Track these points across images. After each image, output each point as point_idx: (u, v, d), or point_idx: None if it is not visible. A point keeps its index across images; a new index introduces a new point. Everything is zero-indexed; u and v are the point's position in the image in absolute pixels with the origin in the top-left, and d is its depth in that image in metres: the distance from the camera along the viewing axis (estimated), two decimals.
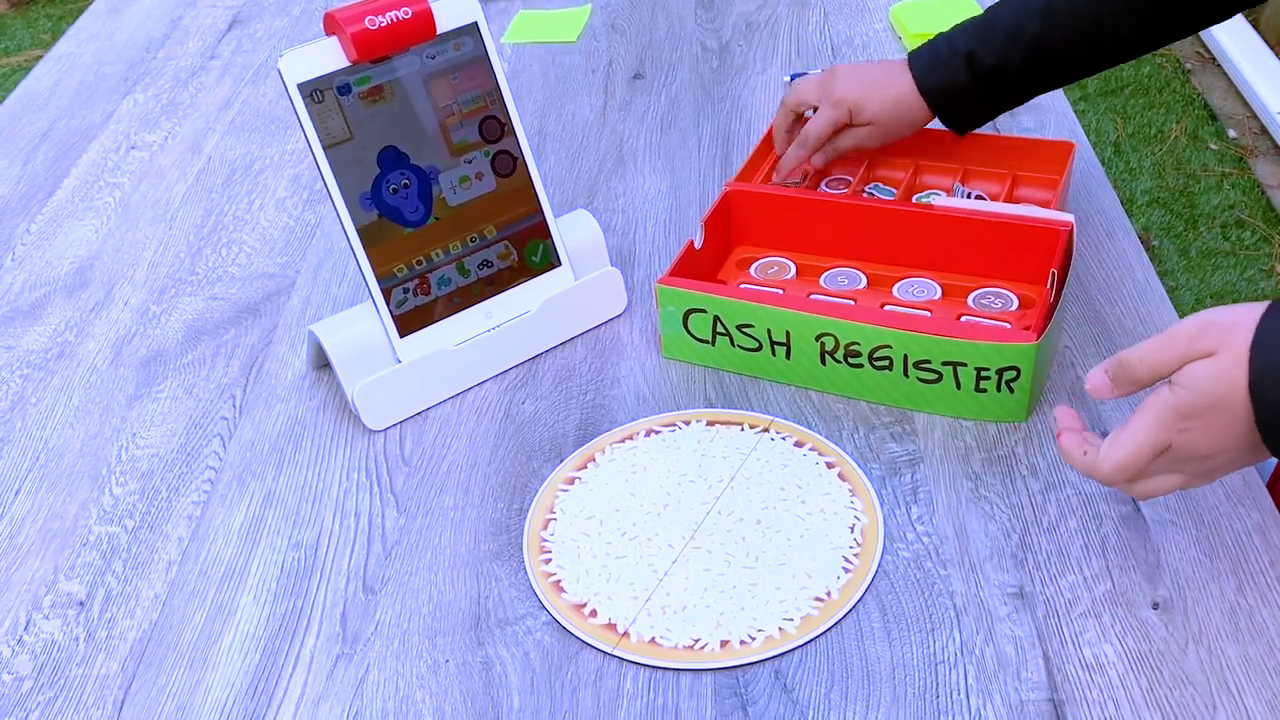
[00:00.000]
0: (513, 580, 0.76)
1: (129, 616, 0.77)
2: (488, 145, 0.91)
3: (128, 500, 0.85)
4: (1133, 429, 0.64)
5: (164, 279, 1.08)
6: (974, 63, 0.93)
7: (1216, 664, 0.67)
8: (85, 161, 1.26)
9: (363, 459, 0.87)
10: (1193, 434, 0.63)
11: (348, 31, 0.83)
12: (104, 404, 0.94)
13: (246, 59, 1.44)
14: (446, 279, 0.90)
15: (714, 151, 1.18)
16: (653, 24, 1.43)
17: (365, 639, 0.74)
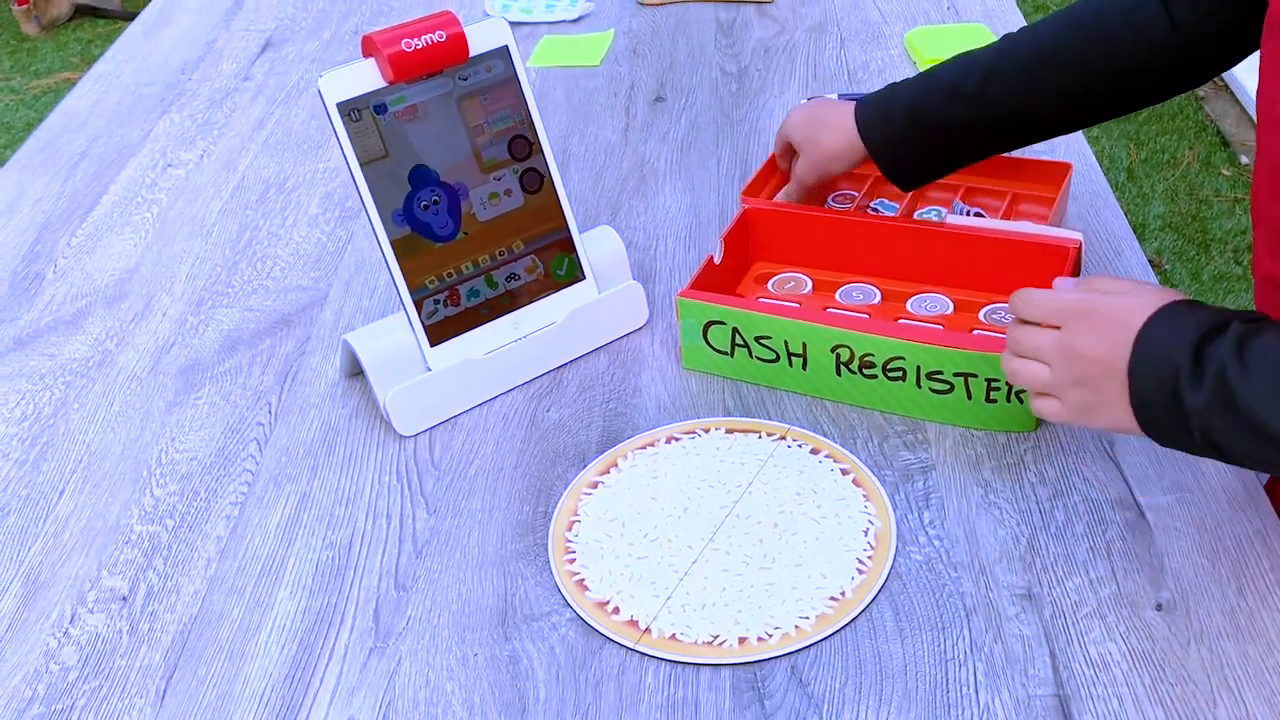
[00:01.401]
0: (538, 579, 0.79)
1: (170, 611, 0.80)
2: (516, 163, 0.94)
3: (168, 501, 0.89)
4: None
5: (201, 291, 1.11)
6: (913, 115, 0.93)
7: (1217, 662, 0.70)
8: (124, 178, 1.30)
9: (394, 463, 0.90)
10: (1084, 331, 0.71)
11: (385, 53, 0.86)
12: (144, 410, 0.98)
13: (279, 81, 1.48)
14: (476, 291, 0.93)
15: (733, 171, 1.21)
16: (674, 49, 1.47)
17: (397, 633, 0.77)
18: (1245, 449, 0.67)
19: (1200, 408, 0.66)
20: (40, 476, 0.92)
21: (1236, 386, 0.65)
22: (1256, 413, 0.64)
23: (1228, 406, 0.65)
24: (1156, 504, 0.80)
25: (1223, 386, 0.65)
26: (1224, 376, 0.65)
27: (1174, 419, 0.68)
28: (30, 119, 3.24)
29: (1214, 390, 0.65)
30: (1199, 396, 0.66)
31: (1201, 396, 0.66)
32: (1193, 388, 0.66)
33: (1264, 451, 0.66)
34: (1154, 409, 0.68)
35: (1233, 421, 0.65)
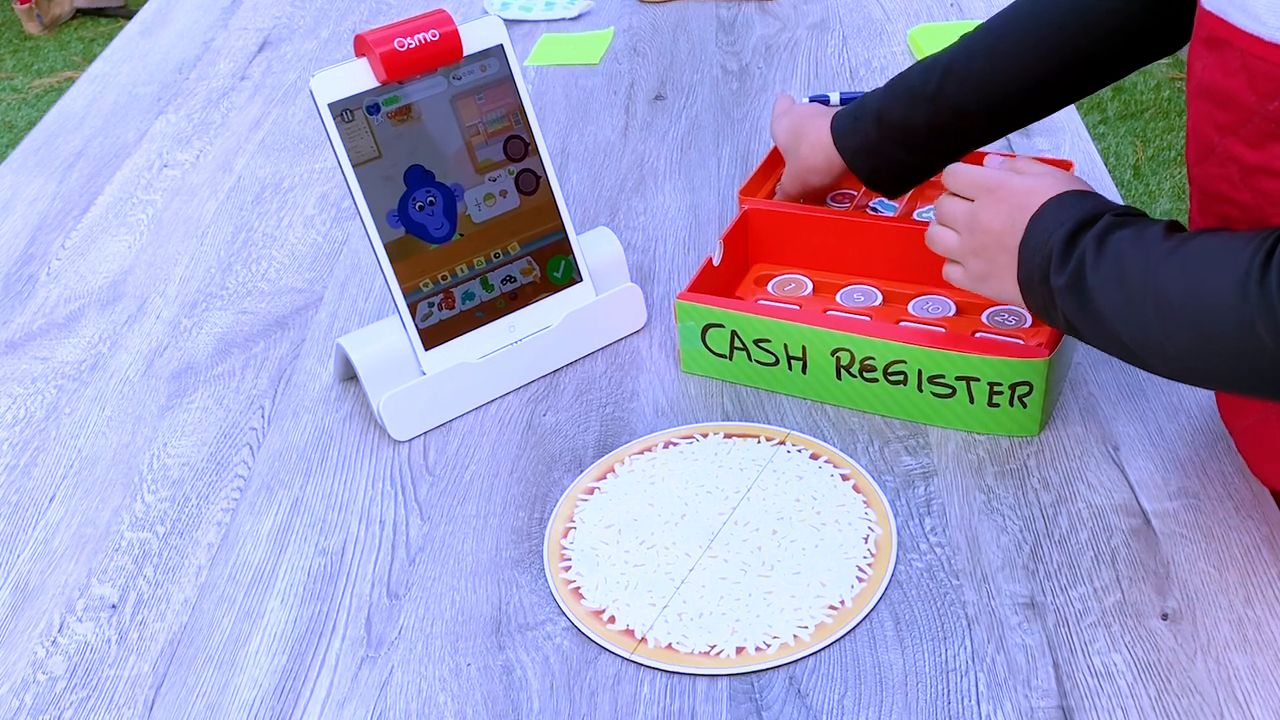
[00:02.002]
0: (533, 587, 0.78)
1: (160, 619, 0.79)
2: (512, 164, 0.93)
3: (159, 507, 0.88)
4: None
5: (195, 293, 1.10)
6: (882, 120, 0.94)
7: (1224, 674, 0.69)
8: (119, 179, 1.29)
9: (388, 468, 0.89)
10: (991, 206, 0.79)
11: (377, 53, 0.85)
12: (136, 414, 0.97)
13: (276, 80, 1.47)
14: (471, 293, 0.92)
15: (733, 171, 1.20)
16: (674, 46, 1.46)
17: (389, 642, 0.76)
18: (1091, 332, 0.74)
19: (1061, 288, 0.73)
20: (30, 482, 0.91)
21: (1088, 272, 0.71)
22: (1096, 299, 0.71)
23: (1079, 289, 0.72)
24: (1162, 510, 0.79)
25: (1079, 271, 0.72)
26: (1082, 262, 0.72)
27: (1045, 297, 0.75)
28: (33, 117, 3.24)
29: (1072, 274, 0.72)
30: (1060, 278, 0.73)
31: (1062, 278, 0.73)
32: (1057, 270, 0.73)
33: (1104, 337, 0.73)
34: (1033, 286, 0.76)
35: (1081, 304, 0.72)
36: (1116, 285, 0.70)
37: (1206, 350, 0.67)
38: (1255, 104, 0.65)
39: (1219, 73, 0.67)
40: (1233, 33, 0.65)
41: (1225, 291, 0.65)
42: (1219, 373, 0.68)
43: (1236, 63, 0.65)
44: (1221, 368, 0.67)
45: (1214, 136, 0.69)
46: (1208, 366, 0.68)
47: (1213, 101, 0.69)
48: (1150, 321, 0.69)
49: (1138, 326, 0.70)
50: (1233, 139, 0.68)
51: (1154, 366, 0.72)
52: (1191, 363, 0.69)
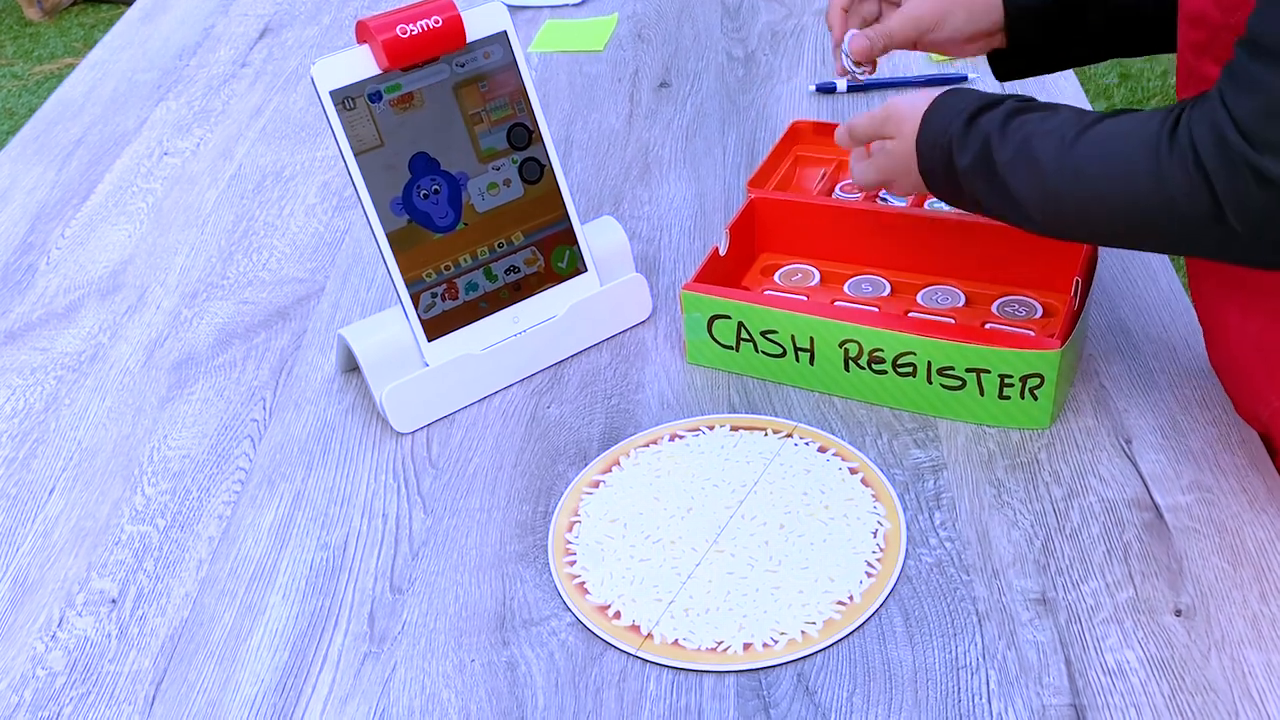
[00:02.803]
0: (537, 582, 0.77)
1: (160, 614, 0.78)
2: (515, 152, 0.92)
3: (159, 500, 0.87)
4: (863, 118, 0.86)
5: (195, 283, 1.09)
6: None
7: (1239, 671, 0.68)
8: (119, 167, 1.28)
9: (390, 461, 0.88)
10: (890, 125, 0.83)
11: (379, 39, 0.84)
12: (136, 405, 0.96)
13: (277, 67, 1.46)
14: (474, 284, 0.91)
15: (739, 159, 1.19)
16: (679, 33, 1.44)
17: (392, 638, 0.75)
18: (999, 208, 0.77)
19: (966, 168, 0.76)
20: (30, 474, 0.90)
21: (995, 153, 0.74)
22: (1004, 176, 0.74)
23: (987, 168, 0.75)
24: (1175, 504, 0.78)
25: (985, 151, 0.75)
26: (988, 143, 0.75)
27: (949, 180, 0.79)
28: (33, 104, 3.22)
29: (977, 155, 0.76)
30: (965, 158, 0.76)
31: (967, 159, 0.76)
32: (960, 150, 0.77)
33: (1013, 214, 0.76)
34: (935, 174, 0.80)
35: (989, 182, 0.76)
36: (1027, 164, 0.73)
37: (1122, 213, 0.71)
38: (1219, 18, 0.69)
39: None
40: None
41: (1138, 158, 0.69)
42: (1133, 233, 0.72)
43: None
44: (1135, 227, 0.71)
45: (1192, 59, 0.73)
46: (1123, 229, 0.72)
47: (1188, 23, 0.72)
48: (1064, 194, 0.72)
49: (1051, 200, 0.73)
50: (1206, 59, 0.71)
51: (1061, 233, 0.76)
52: (1107, 227, 0.73)
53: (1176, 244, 0.72)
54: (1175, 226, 0.69)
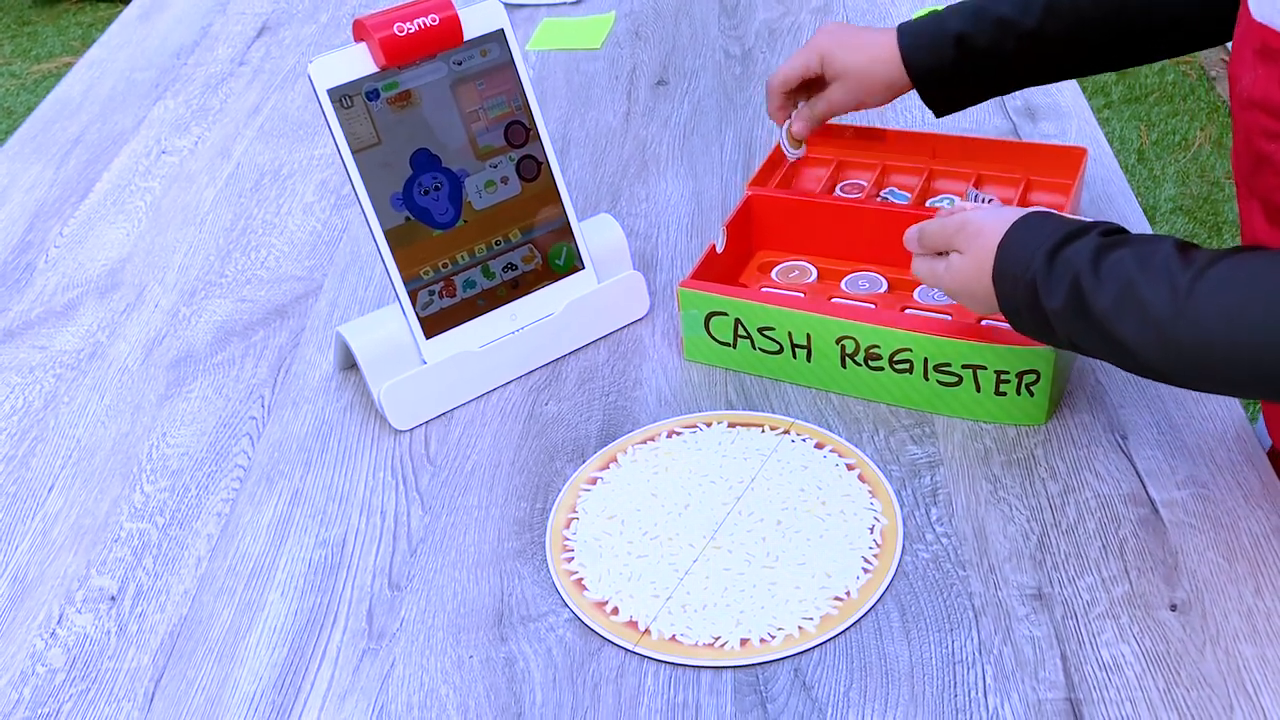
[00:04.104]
0: (535, 578, 0.78)
1: (159, 611, 0.78)
2: (513, 150, 0.92)
3: (158, 498, 0.87)
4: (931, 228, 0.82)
5: (194, 281, 1.09)
6: (963, 44, 0.91)
7: (1234, 665, 0.68)
8: (117, 166, 1.28)
9: (388, 458, 0.88)
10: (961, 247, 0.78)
11: (376, 38, 0.84)
12: (135, 403, 0.96)
13: (275, 65, 1.46)
14: (472, 281, 0.91)
15: (736, 157, 1.19)
16: (676, 31, 1.44)
17: (391, 635, 0.75)
18: (1102, 352, 0.71)
19: (1058, 311, 0.70)
20: (29, 472, 0.90)
21: (1090, 297, 0.68)
22: (1107, 324, 0.68)
23: (1082, 313, 0.69)
24: (1171, 500, 0.78)
25: (1077, 293, 0.69)
26: (1079, 284, 0.69)
27: (1038, 321, 0.73)
28: (31, 103, 3.22)
29: (1070, 296, 0.70)
30: (1054, 299, 0.70)
31: (1057, 300, 0.70)
32: (1047, 292, 0.71)
33: (1119, 357, 0.70)
34: (1020, 314, 0.74)
35: (1087, 327, 0.69)
36: (1136, 312, 0.67)
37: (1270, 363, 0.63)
38: None
39: (1274, 84, 0.64)
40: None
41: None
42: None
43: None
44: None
45: (1268, 147, 0.67)
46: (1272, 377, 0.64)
47: (1267, 112, 0.66)
48: (1186, 344, 0.65)
49: (1172, 350, 0.66)
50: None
51: (1195, 384, 0.68)
52: (1254, 377, 0.65)
53: None
54: None
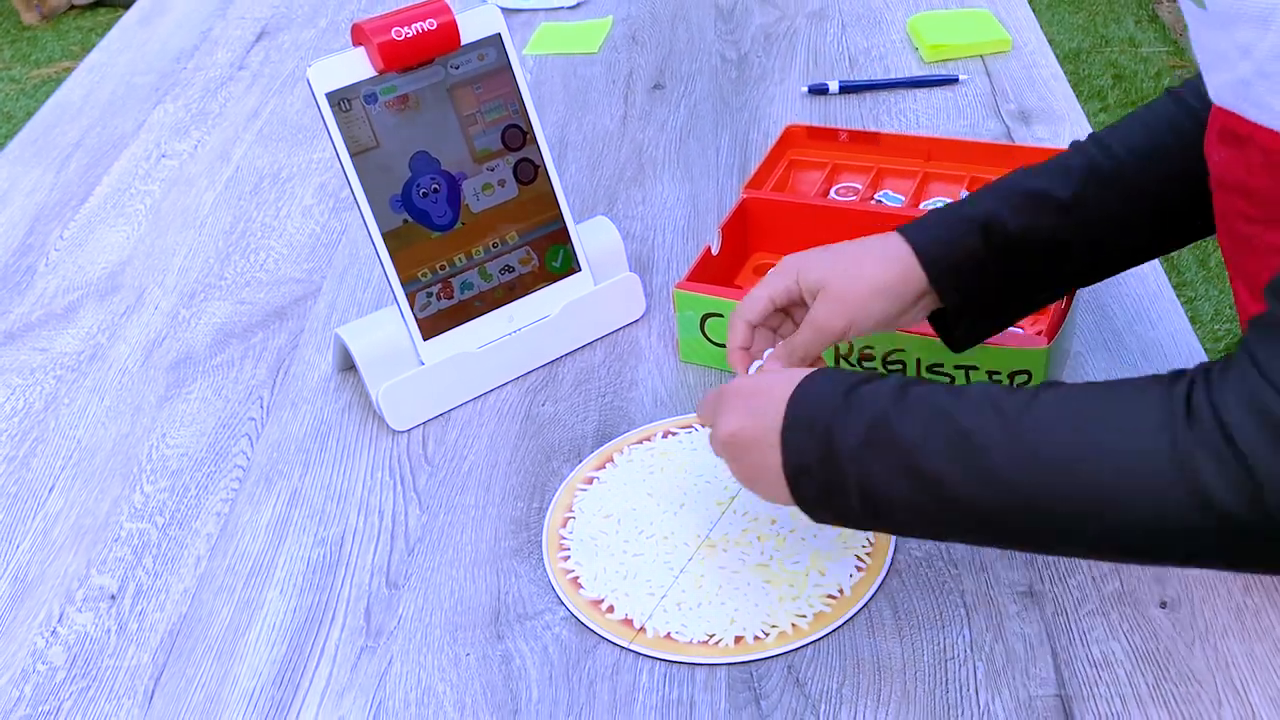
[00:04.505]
0: (532, 576, 0.78)
1: (159, 609, 0.79)
2: (510, 153, 0.93)
3: (158, 498, 0.88)
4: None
5: (193, 284, 1.10)
6: (990, 230, 0.73)
7: (1222, 661, 0.69)
8: (117, 169, 1.29)
9: (386, 459, 0.89)
10: (731, 413, 0.68)
11: (375, 42, 0.85)
12: (135, 404, 0.97)
13: (274, 69, 1.47)
14: (469, 283, 0.92)
15: (732, 160, 1.20)
16: (673, 35, 1.45)
17: (388, 632, 0.76)
18: (904, 496, 0.60)
19: (857, 447, 0.61)
20: (30, 473, 0.91)
21: (896, 425, 0.60)
22: (921, 461, 0.59)
23: (887, 447, 0.60)
24: None
25: (881, 424, 0.60)
26: (885, 416, 0.61)
27: (829, 470, 0.62)
28: (31, 108, 3.23)
29: (871, 429, 0.61)
30: (854, 437, 0.61)
31: (857, 435, 0.61)
32: (846, 428, 0.61)
33: (921, 498, 0.60)
34: (809, 467, 0.63)
35: (891, 463, 0.60)
36: (953, 442, 0.58)
37: (1117, 515, 0.55)
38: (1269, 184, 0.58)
39: (1241, 169, 0.60)
40: (1251, 129, 0.57)
41: (1138, 437, 0.54)
42: (1130, 538, 0.56)
43: (1259, 159, 0.58)
44: (1138, 532, 0.55)
45: (1246, 228, 0.62)
46: (1116, 530, 0.56)
47: (1240, 195, 0.61)
48: (1022, 484, 0.57)
49: (1004, 489, 0.57)
50: (1265, 228, 0.60)
51: (1010, 540, 0.60)
52: (1084, 526, 0.56)
53: (1192, 548, 0.55)
54: (1199, 526, 0.53)
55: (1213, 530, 0.53)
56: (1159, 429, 0.54)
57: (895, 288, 0.73)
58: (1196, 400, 0.54)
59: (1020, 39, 1.34)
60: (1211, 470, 0.52)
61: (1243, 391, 0.52)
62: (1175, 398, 0.54)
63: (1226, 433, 0.52)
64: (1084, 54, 3.00)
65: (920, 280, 0.73)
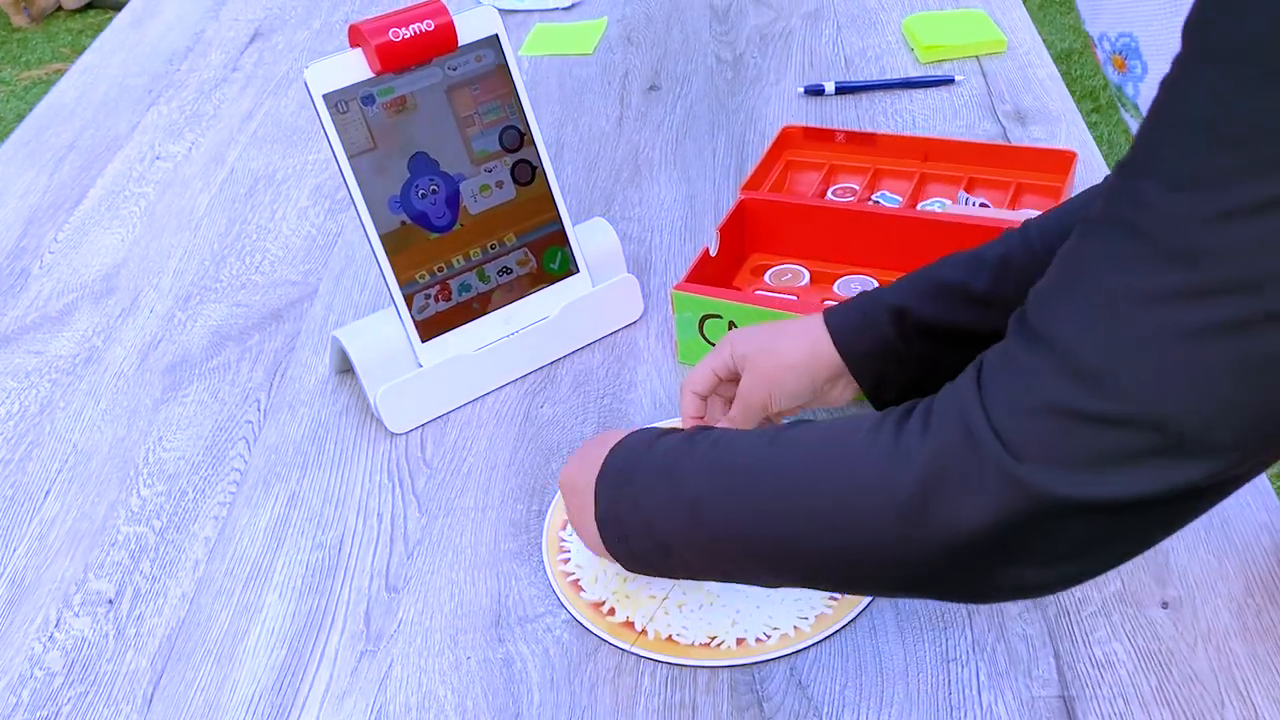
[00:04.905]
0: (532, 579, 0.78)
1: (157, 614, 0.79)
2: (508, 154, 0.92)
3: (155, 501, 0.87)
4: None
5: (189, 286, 1.09)
6: (904, 319, 0.75)
7: (1225, 662, 0.69)
8: (111, 171, 1.28)
9: (385, 461, 0.88)
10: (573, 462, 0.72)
11: (372, 44, 0.85)
12: (131, 408, 0.96)
13: (268, 71, 1.46)
14: (467, 285, 0.92)
15: (729, 161, 1.19)
16: (668, 36, 1.45)
17: (389, 636, 0.75)
18: (680, 528, 0.62)
19: (647, 487, 0.64)
20: (26, 477, 0.90)
21: (681, 462, 0.63)
22: (686, 480, 0.62)
23: (668, 480, 0.63)
24: None
25: (669, 465, 0.63)
26: (674, 456, 0.63)
27: (628, 512, 0.65)
28: (21, 110, 3.22)
29: (660, 469, 0.63)
30: (645, 478, 0.64)
31: (649, 477, 0.64)
32: (642, 472, 0.65)
33: (694, 529, 0.61)
34: (613, 512, 0.66)
35: (669, 495, 0.63)
36: (716, 469, 0.61)
37: (835, 523, 0.55)
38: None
39: None
40: None
41: (856, 450, 0.55)
42: (846, 557, 0.56)
43: None
44: (850, 545, 0.55)
45: None
46: (828, 538, 0.56)
47: None
48: (763, 499, 0.58)
49: (747, 508, 0.59)
50: None
51: (756, 567, 0.61)
52: (808, 545, 0.57)
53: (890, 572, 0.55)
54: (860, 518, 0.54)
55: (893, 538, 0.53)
56: (866, 440, 0.55)
57: (809, 365, 0.77)
58: (916, 412, 0.54)
59: (1015, 39, 1.34)
60: (886, 466, 0.53)
61: (955, 402, 0.52)
62: (892, 412, 0.55)
63: (928, 432, 0.52)
64: (1075, 55, 3.01)
65: (835, 361, 0.77)
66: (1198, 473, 0.46)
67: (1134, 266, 0.46)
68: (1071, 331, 0.48)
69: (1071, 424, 0.47)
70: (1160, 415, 0.46)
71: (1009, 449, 0.49)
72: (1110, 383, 0.46)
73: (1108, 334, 0.46)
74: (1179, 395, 0.45)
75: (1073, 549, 0.50)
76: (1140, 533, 0.50)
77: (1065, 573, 0.51)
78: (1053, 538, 0.49)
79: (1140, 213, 0.46)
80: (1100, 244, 0.47)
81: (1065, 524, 0.48)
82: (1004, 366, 0.51)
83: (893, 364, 0.76)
